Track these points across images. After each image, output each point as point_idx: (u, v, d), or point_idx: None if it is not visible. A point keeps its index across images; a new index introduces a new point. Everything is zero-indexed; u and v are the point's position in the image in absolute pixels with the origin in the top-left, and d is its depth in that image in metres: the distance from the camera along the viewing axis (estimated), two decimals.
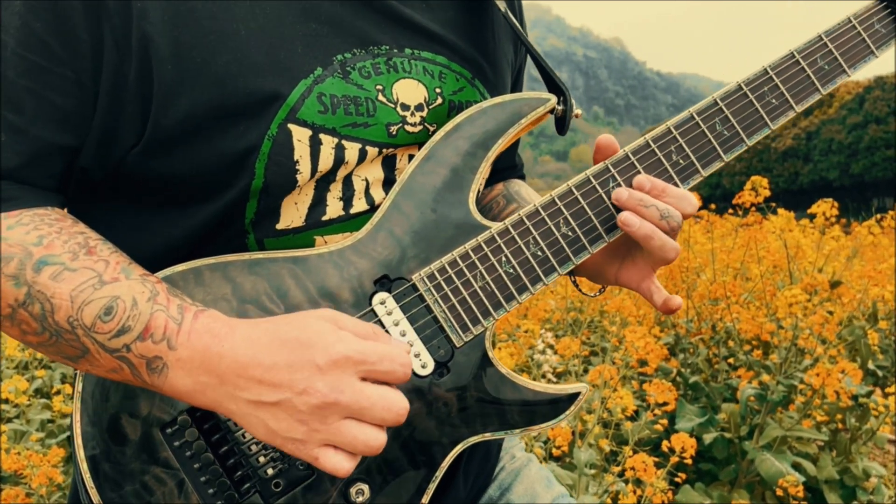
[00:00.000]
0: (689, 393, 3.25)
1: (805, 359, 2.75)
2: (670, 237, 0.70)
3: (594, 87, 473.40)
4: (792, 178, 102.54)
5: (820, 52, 0.74)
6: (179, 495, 0.63)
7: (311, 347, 0.56)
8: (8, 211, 0.62)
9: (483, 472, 0.87)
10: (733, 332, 2.79)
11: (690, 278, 3.23)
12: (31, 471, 1.88)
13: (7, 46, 0.60)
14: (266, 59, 0.63)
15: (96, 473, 0.63)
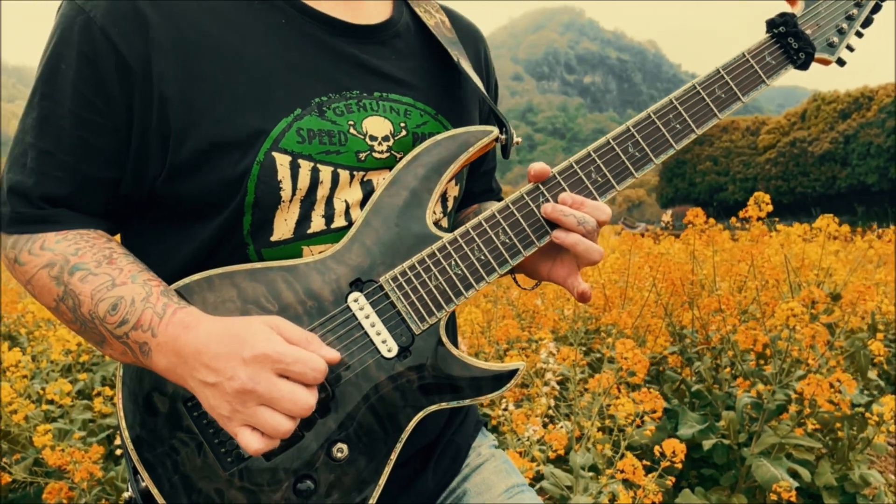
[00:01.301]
0: (694, 401, 3.36)
1: (801, 369, 2.84)
2: (591, 240, 0.86)
3: (628, 91, 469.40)
4: (829, 182, 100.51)
5: (718, 83, 0.90)
6: (199, 454, 0.80)
7: (244, 343, 0.71)
8: (58, 231, 0.81)
9: (451, 469, 1.02)
10: (733, 343, 2.89)
11: (694, 290, 3.33)
12: (74, 466, 2.05)
13: (64, 105, 0.79)
14: (255, 103, 0.81)
15: (136, 439, 0.81)
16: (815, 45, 0.91)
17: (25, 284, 0.83)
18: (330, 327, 0.81)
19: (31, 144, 0.80)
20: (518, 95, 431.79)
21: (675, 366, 3.51)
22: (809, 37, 0.91)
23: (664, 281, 3.30)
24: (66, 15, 0.79)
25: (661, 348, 3.47)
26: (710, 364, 3.25)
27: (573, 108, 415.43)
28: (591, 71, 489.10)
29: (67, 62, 0.78)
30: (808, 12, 0.92)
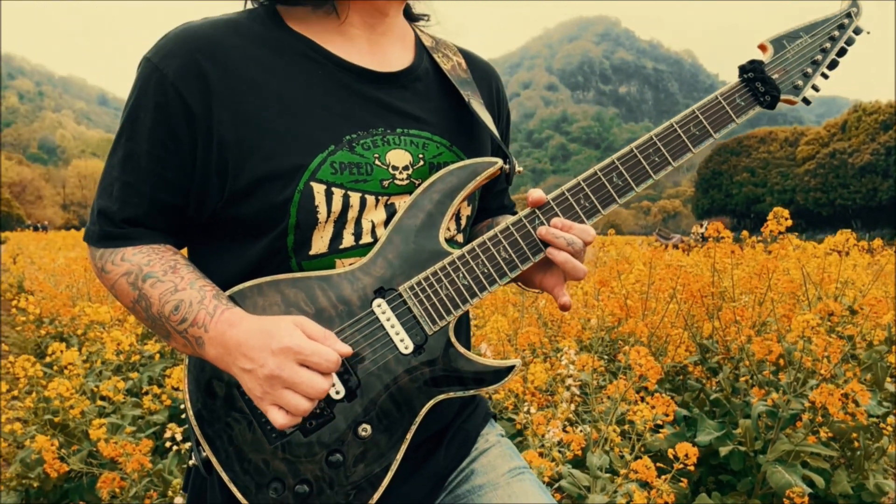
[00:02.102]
0: (714, 409, 3.45)
1: (816, 379, 2.92)
2: (578, 259, 1.00)
3: (664, 101, 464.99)
4: (870, 194, 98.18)
5: (693, 121, 1.04)
6: (249, 430, 0.96)
7: (272, 337, 0.87)
8: (135, 245, 1.00)
9: (461, 451, 1.17)
10: (749, 354, 2.99)
11: (715, 302, 3.43)
12: (126, 458, 2.24)
13: (143, 146, 0.97)
14: (296, 142, 0.97)
15: (198, 416, 0.98)
16: (781, 88, 1.04)
17: (110, 288, 1.01)
18: (357, 327, 0.97)
19: (116, 177, 0.99)
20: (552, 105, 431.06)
21: (699, 375, 3.61)
22: (776, 81, 1.04)
23: (684, 292, 3.40)
24: (145, 72, 0.97)
25: (682, 357, 3.58)
26: (729, 374, 3.34)
27: (608, 118, 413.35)
28: (627, 81, 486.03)
29: (145, 111, 0.96)
30: (776, 59, 1.06)
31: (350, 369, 0.96)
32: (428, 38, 1.20)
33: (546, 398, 3.18)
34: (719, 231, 3.53)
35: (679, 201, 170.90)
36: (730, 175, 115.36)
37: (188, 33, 0.98)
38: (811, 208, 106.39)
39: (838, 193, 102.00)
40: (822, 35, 1.07)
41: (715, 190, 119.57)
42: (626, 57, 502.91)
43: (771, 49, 1.07)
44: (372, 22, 1.08)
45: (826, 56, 1.07)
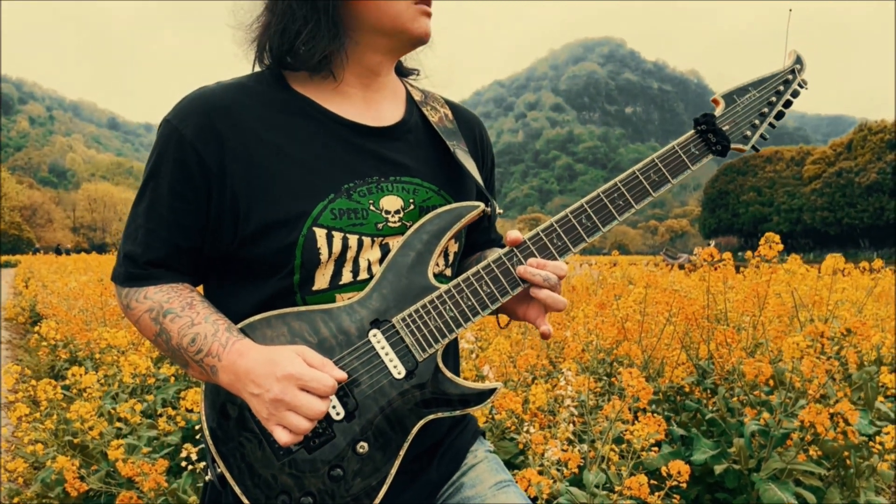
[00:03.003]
0: (711, 429, 3.54)
1: (806, 399, 3.01)
2: (556, 292, 1.13)
3: (670, 121, 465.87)
4: (877, 213, 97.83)
5: (653, 169, 1.16)
6: (259, 448, 1.08)
7: (277, 366, 0.99)
8: (157, 285, 1.13)
9: (451, 466, 1.28)
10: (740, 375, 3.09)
11: (710, 324, 3.53)
12: (143, 478, 2.35)
13: (164, 197, 1.11)
14: (300, 191, 1.11)
15: (213, 436, 1.10)
16: (731, 138, 1.17)
17: (134, 323, 1.14)
18: (355, 355, 1.10)
19: (140, 224, 1.12)
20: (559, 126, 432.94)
21: (698, 396, 3.70)
22: (726, 132, 1.17)
23: (679, 315, 3.51)
24: (165, 132, 1.11)
25: (679, 379, 3.67)
26: (725, 394, 3.43)
27: (614, 138, 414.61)
28: (633, 101, 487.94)
29: (166, 166, 1.10)
30: (726, 112, 1.19)
31: (349, 393, 1.08)
32: (418, 93, 1.34)
33: (548, 418, 3.28)
34: (713, 256, 3.65)
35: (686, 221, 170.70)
36: (736, 194, 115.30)
37: (203, 97, 1.13)
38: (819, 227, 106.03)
39: (845, 212, 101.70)
40: (769, 90, 1.20)
41: (722, 209, 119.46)
42: (632, 77, 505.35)
43: (723, 103, 1.19)
44: (366, 82, 1.22)
45: (772, 109, 1.20)
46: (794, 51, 1.22)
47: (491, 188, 1.39)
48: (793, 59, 1.22)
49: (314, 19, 1.12)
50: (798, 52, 1.22)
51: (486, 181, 1.37)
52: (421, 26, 1.18)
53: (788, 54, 1.23)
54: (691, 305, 3.44)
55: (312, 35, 1.12)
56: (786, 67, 1.21)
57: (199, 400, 2.91)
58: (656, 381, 3.68)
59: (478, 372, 3.63)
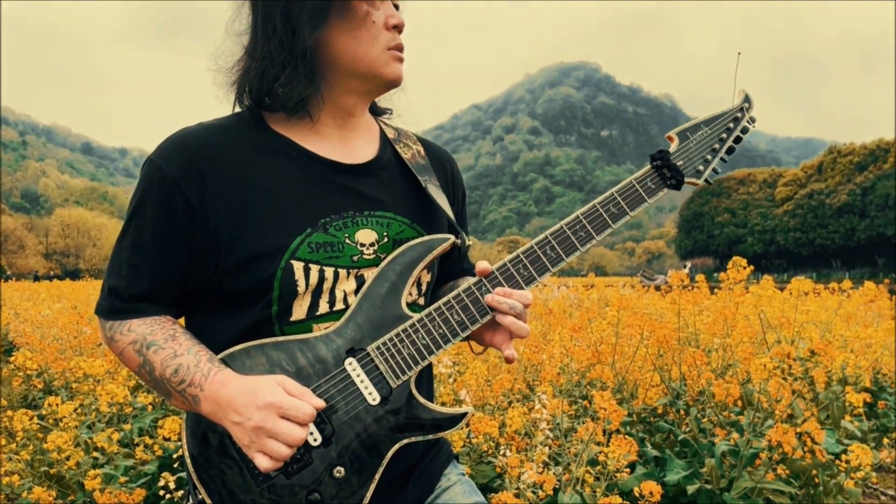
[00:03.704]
0: (684, 450, 3.60)
1: (774, 419, 3.09)
2: (522, 320, 1.19)
3: (645, 144, 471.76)
4: (849, 234, 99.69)
5: (612, 202, 1.23)
6: (239, 474, 1.12)
7: (257, 395, 1.04)
8: (140, 318, 1.17)
9: (426, 489, 1.33)
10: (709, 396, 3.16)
11: (681, 346, 3.61)
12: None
13: (147, 233, 1.15)
14: (278, 226, 1.16)
15: (194, 463, 1.14)
16: (685, 173, 1.25)
17: (118, 355, 1.18)
18: (332, 383, 1.14)
19: (124, 259, 1.17)
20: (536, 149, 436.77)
21: (671, 417, 3.77)
22: (680, 168, 1.25)
23: (652, 338, 3.58)
24: (149, 171, 1.16)
25: (653, 400, 3.74)
26: (696, 415, 3.51)
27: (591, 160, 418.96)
28: (608, 124, 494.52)
29: (150, 204, 1.15)
30: (680, 149, 1.26)
31: (326, 419, 1.13)
32: (391, 131, 1.40)
33: (525, 441, 3.33)
34: (683, 280, 3.74)
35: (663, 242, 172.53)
36: (711, 216, 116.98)
37: (185, 137, 1.18)
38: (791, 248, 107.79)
39: (817, 233, 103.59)
40: (720, 127, 1.28)
41: (697, 231, 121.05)
42: (607, 101, 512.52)
43: (677, 140, 1.27)
44: (341, 122, 1.29)
45: (723, 145, 1.28)
46: (742, 90, 1.31)
47: (462, 221, 1.45)
48: (741, 98, 1.30)
49: (292, 64, 1.18)
50: (746, 91, 1.31)
51: (458, 214, 1.43)
52: (394, 71, 1.25)
53: (737, 93, 1.31)
54: (663, 328, 3.53)
55: (290, 79, 1.18)
56: (735, 106, 1.30)
57: (176, 429, 2.92)
58: (630, 403, 3.74)
59: (455, 396, 3.67)
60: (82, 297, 14.08)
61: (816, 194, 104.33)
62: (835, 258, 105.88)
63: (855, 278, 54.72)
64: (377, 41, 1.23)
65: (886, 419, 4.56)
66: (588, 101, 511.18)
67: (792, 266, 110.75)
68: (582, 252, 1.22)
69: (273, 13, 1.18)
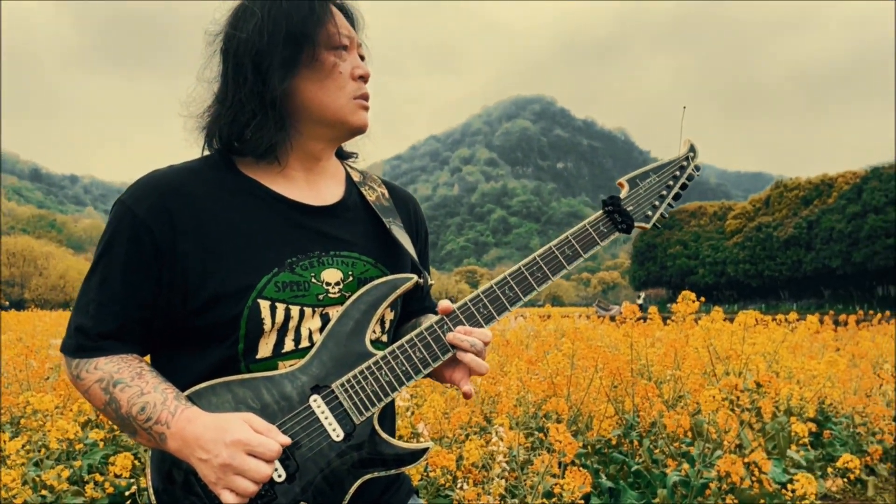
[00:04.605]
0: (638, 480, 3.67)
1: (723, 450, 3.19)
2: (481, 357, 1.24)
3: (600, 176, 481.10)
4: (796, 266, 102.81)
5: (566, 244, 1.30)
6: None
7: (225, 432, 1.06)
8: (107, 356, 1.19)
9: None
10: (660, 427, 3.25)
11: (633, 379, 3.70)
12: None
13: (116, 272, 1.17)
14: (246, 266, 1.19)
15: (159, 500, 1.15)
16: (634, 217, 1.32)
17: (83, 393, 1.19)
18: (296, 419, 1.17)
19: (92, 298, 1.18)
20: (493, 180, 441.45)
21: (625, 448, 3.84)
22: (630, 213, 1.32)
23: (605, 370, 3.67)
24: (119, 212, 1.19)
25: (607, 432, 3.81)
26: (648, 446, 3.59)
27: (547, 192, 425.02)
28: (564, 157, 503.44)
29: (119, 244, 1.18)
30: (630, 195, 1.34)
31: (290, 455, 1.15)
32: (356, 174, 1.46)
33: (482, 474, 3.35)
34: (636, 313, 3.85)
35: (617, 273, 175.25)
36: (664, 248, 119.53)
37: (156, 179, 1.21)
38: (741, 279, 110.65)
39: (766, 265, 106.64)
40: (668, 175, 1.37)
41: (650, 262, 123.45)
42: (563, 134, 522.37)
43: (627, 187, 1.35)
44: (308, 166, 1.34)
45: (670, 191, 1.36)
46: (688, 140, 1.40)
47: (424, 261, 1.50)
48: (687, 148, 1.39)
49: (262, 112, 1.22)
50: (692, 141, 1.40)
51: (420, 254, 1.48)
52: (360, 119, 1.31)
53: (683, 143, 1.40)
54: (616, 360, 3.61)
55: (260, 126, 1.23)
56: (681, 155, 1.38)
57: (128, 465, 2.87)
58: (585, 434, 3.81)
59: (413, 429, 3.68)
60: (27, 328, 13.64)
61: (764, 227, 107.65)
62: (783, 289, 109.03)
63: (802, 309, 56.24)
64: (344, 90, 1.29)
65: (831, 448, 4.72)
66: (544, 134, 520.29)
67: (742, 297, 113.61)
68: (539, 291, 1.28)
69: (244, 63, 1.22)
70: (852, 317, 13.00)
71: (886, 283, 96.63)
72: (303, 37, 1.24)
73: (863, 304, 74.18)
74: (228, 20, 1.28)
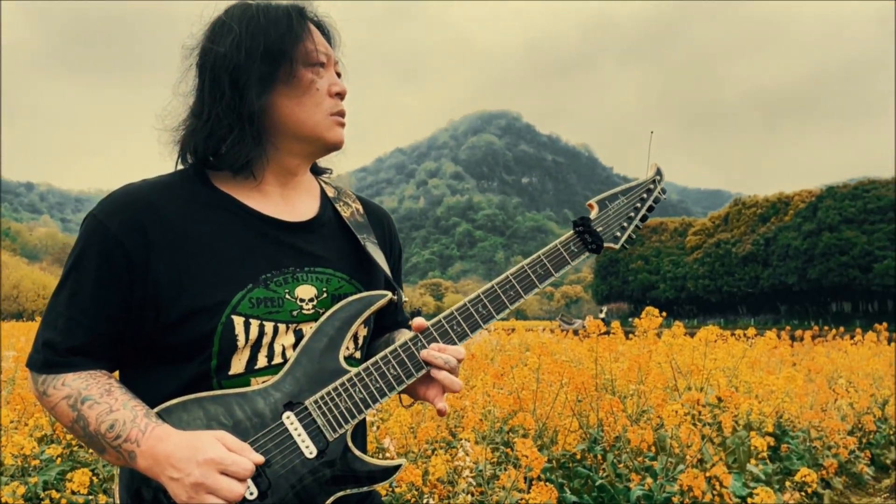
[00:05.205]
0: (602, 495, 3.71)
1: (686, 464, 3.24)
2: (454, 374, 1.25)
3: (564, 191, 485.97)
4: (753, 281, 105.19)
5: (538, 263, 1.32)
6: None
7: (197, 450, 1.05)
8: (75, 372, 1.17)
9: None
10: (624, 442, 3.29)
11: (598, 394, 3.74)
12: None
13: (87, 287, 1.16)
14: (220, 282, 1.19)
15: None
16: (604, 238, 1.36)
17: (50, 410, 1.17)
18: (269, 437, 1.17)
19: (61, 313, 1.17)
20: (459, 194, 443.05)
21: (589, 462, 3.88)
22: (599, 233, 1.35)
23: (570, 384, 3.71)
24: (91, 226, 1.18)
25: (572, 446, 3.85)
26: (612, 460, 3.63)
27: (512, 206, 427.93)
28: (529, 172, 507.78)
29: (90, 259, 1.16)
30: (600, 216, 1.37)
31: (262, 473, 1.15)
32: (331, 189, 1.46)
33: (448, 489, 3.35)
34: (600, 328, 3.90)
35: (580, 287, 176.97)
36: (626, 263, 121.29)
37: (129, 194, 1.21)
38: (701, 295, 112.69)
39: (724, 281, 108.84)
40: (635, 197, 1.40)
41: (613, 277, 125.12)
42: (528, 149, 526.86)
43: (597, 208, 1.38)
44: (284, 181, 1.34)
45: (638, 213, 1.40)
46: (654, 164, 1.44)
47: (397, 276, 1.51)
48: (654, 171, 1.43)
49: (239, 127, 1.23)
50: (658, 164, 1.44)
51: (394, 270, 1.49)
52: (336, 135, 1.32)
53: (650, 166, 1.44)
54: (581, 375, 3.65)
55: (237, 141, 1.23)
56: (648, 178, 1.42)
57: (85, 482, 2.80)
58: (550, 449, 3.84)
59: (378, 444, 3.67)
60: None
61: (723, 243, 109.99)
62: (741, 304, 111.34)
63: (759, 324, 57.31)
64: (321, 107, 1.30)
65: (789, 462, 4.83)
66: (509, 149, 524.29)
67: (701, 312, 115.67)
68: (511, 310, 1.30)
69: (221, 77, 1.23)
70: (808, 332, 13.34)
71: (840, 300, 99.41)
72: (280, 53, 1.25)
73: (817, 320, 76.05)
74: (206, 34, 1.28)
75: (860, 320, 66.91)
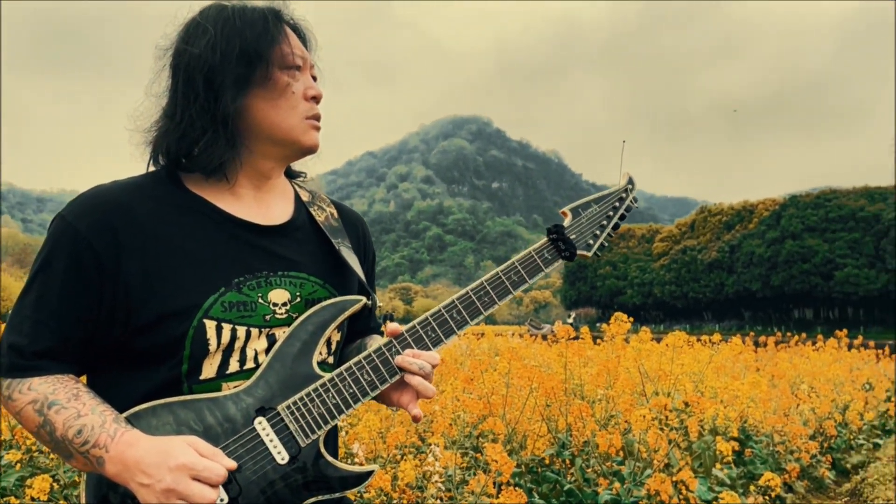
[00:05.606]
0: (570, 500, 3.73)
1: (653, 469, 3.28)
2: (428, 380, 1.25)
3: (534, 197, 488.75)
4: (718, 288, 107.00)
5: (513, 270, 1.33)
6: None
7: (168, 456, 1.04)
8: (41, 376, 1.14)
9: None
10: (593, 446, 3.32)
11: (567, 399, 3.77)
12: None
13: (54, 289, 1.14)
14: (192, 285, 1.17)
15: None
16: (577, 245, 1.37)
17: (15, 415, 1.14)
18: (240, 442, 1.16)
19: (27, 316, 1.14)
20: (429, 198, 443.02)
21: (558, 467, 3.90)
22: (573, 241, 1.37)
23: (540, 389, 3.73)
24: (59, 227, 1.16)
25: (541, 451, 3.87)
26: (581, 465, 3.66)
27: (482, 211, 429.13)
28: (499, 177, 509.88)
29: (58, 260, 1.14)
30: (573, 224, 1.39)
31: (233, 479, 1.14)
32: (305, 194, 1.46)
33: (417, 494, 3.35)
34: (570, 333, 3.93)
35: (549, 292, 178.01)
36: (594, 268, 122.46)
37: (99, 195, 1.19)
38: (667, 300, 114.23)
39: (690, 287, 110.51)
40: (608, 205, 1.42)
41: (581, 282, 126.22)
42: (498, 155, 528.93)
43: (570, 216, 1.40)
44: (258, 184, 1.33)
45: (610, 221, 1.41)
46: (626, 173, 1.46)
47: (371, 281, 1.51)
48: (626, 180, 1.45)
49: (213, 129, 1.21)
50: (630, 174, 1.46)
51: (368, 274, 1.49)
52: (311, 138, 1.31)
53: (622, 176, 1.46)
54: (551, 380, 3.68)
55: (211, 143, 1.22)
56: (620, 187, 1.44)
57: (46, 488, 2.74)
58: (520, 454, 3.85)
59: (347, 448, 3.65)
60: None
61: (689, 250, 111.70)
62: (706, 311, 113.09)
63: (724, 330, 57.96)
64: (296, 110, 1.29)
65: (752, 466, 4.91)
66: (480, 154, 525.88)
67: (668, 317, 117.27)
68: (485, 316, 1.31)
69: (196, 78, 1.21)
70: (771, 338, 13.59)
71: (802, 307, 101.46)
72: (256, 55, 1.24)
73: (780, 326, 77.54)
74: (180, 35, 1.27)
75: (821, 327, 68.46)
